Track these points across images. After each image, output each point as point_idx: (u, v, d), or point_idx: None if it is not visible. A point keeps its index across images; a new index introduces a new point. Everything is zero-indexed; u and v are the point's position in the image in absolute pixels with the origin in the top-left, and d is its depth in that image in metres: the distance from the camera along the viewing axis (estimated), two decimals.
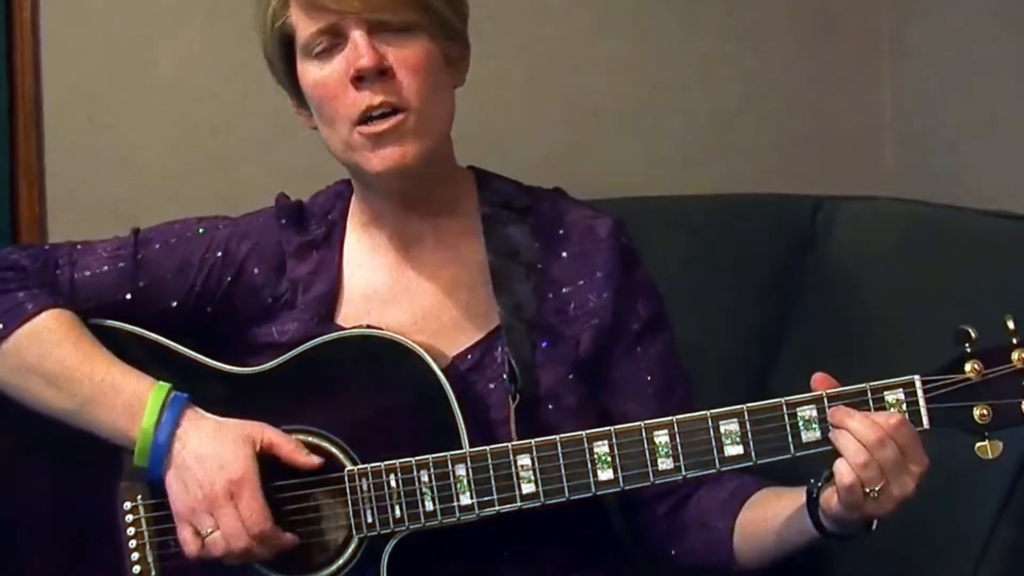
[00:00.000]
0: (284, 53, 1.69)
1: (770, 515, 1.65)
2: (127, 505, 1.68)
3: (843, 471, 1.50)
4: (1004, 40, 2.47)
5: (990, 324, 1.53)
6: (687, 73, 2.73)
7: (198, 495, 1.61)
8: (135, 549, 1.68)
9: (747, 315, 2.35)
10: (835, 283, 2.27)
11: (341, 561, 1.64)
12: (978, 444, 1.54)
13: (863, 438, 1.50)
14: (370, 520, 1.62)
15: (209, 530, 1.61)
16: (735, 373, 2.29)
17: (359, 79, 1.62)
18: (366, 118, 1.63)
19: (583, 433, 1.59)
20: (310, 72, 1.66)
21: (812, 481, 1.57)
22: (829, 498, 1.53)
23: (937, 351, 1.95)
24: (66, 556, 1.71)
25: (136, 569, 1.68)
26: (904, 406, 1.53)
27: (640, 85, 2.72)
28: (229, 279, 1.75)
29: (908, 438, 1.51)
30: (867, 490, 1.49)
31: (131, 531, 1.68)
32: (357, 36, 1.62)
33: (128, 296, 1.74)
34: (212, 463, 1.62)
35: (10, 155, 2.46)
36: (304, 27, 1.65)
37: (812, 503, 1.56)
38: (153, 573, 1.68)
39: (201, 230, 1.77)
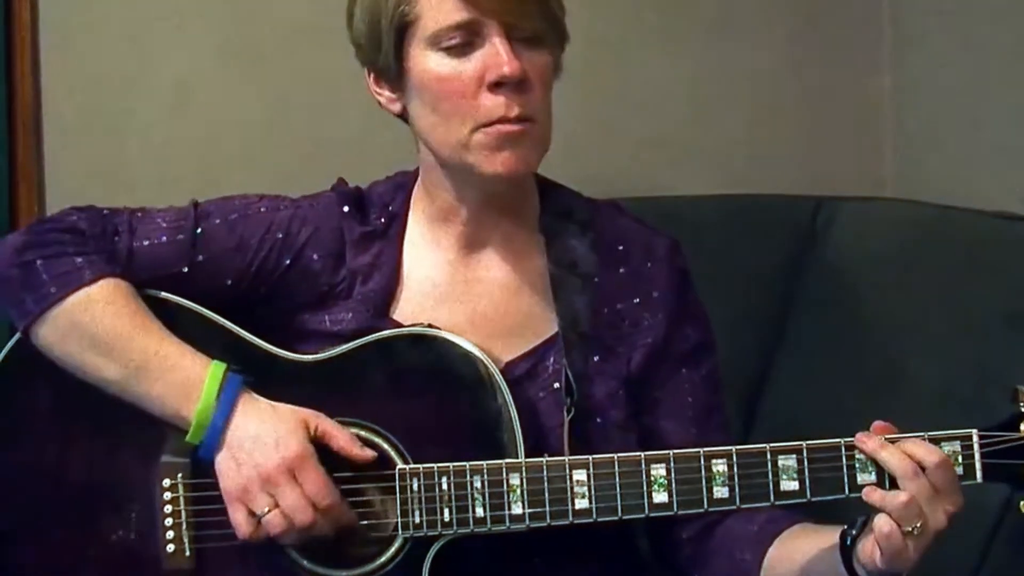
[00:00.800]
0: (397, 35, 1.65)
1: (799, 554, 1.66)
2: (166, 482, 1.65)
3: (881, 522, 1.51)
4: (1004, 40, 2.49)
5: (991, 324, 1.54)
6: (687, 73, 2.74)
7: (252, 475, 1.59)
8: (171, 527, 1.64)
9: (747, 315, 2.36)
10: (835, 283, 2.29)
11: (384, 559, 1.63)
12: (1023, 502, 1.58)
13: (895, 468, 1.52)
14: (418, 520, 1.61)
15: (266, 509, 1.58)
16: (735, 374, 2.25)
17: (498, 84, 1.60)
18: (496, 123, 1.61)
19: (641, 454, 1.60)
20: (434, 64, 1.63)
21: (847, 527, 1.59)
22: (871, 552, 1.53)
23: (938, 351, 2.00)
24: (99, 526, 1.66)
25: (170, 548, 1.64)
26: (960, 458, 1.57)
27: (639, 85, 2.73)
28: (287, 262, 1.72)
29: (943, 474, 1.52)
30: (907, 528, 1.50)
31: (168, 508, 1.64)
32: (498, 41, 1.60)
33: (185, 269, 1.70)
34: (267, 443, 1.59)
35: (9, 157, 2.42)
36: (438, 17, 1.62)
37: (846, 549, 1.57)
38: (187, 553, 1.65)
39: (263, 208, 1.74)
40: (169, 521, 1.65)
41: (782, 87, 2.78)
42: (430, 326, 1.67)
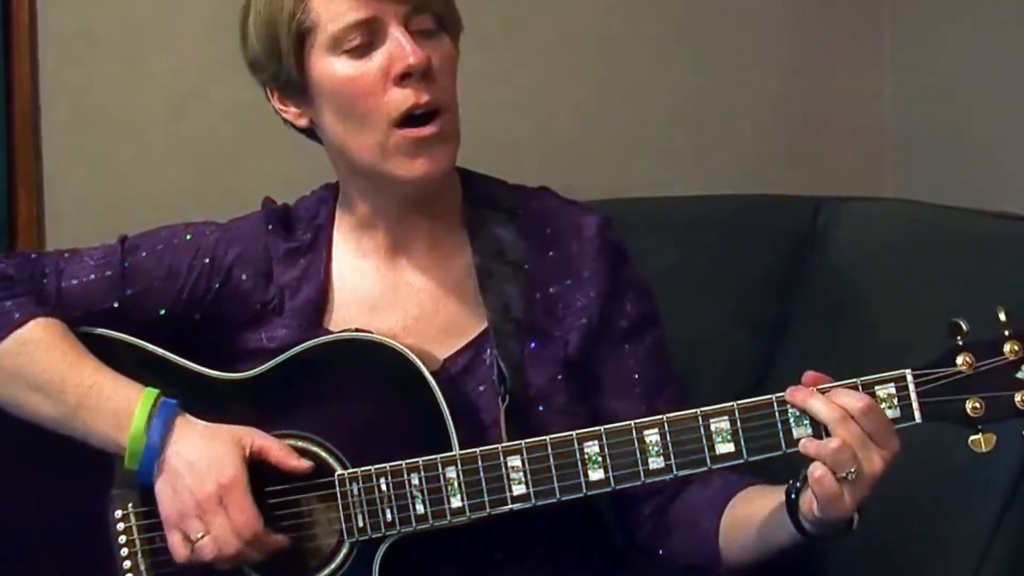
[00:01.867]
0: (297, 46, 1.64)
1: (753, 514, 1.63)
2: (118, 513, 1.68)
3: (812, 467, 1.48)
4: (1005, 41, 2.46)
5: (990, 324, 1.52)
6: (687, 73, 2.73)
7: (187, 500, 1.61)
8: (127, 557, 1.67)
9: (747, 316, 2.33)
10: (836, 284, 2.26)
11: (333, 566, 1.63)
12: (971, 437, 1.52)
13: (823, 416, 1.49)
14: (361, 524, 1.62)
15: (200, 534, 1.60)
16: (735, 375, 2.27)
17: (404, 77, 1.60)
18: (406, 119, 1.61)
19: (573, 433, 1.58)
20: (338, 68, 1.63)
21: (791, 482, 1.56)
22: (808, 501, 1.50)
23: (938, 351, 1.94)
24: (58, 565, 1.70)
25: None
26: (896, 400, 1.52)
27: (640, 85, 2.72)
28: (217, 285, 1.74)
29: (873, 418, 1.49)
30: (841, 474, 1.47)
31: (123, 539, 1.68)
32: (398, 33, 1.61)
33: (116, 304, 1.73)
34: (201, 468, 1.61)
35: (8, 160, 2.46)
36: (334, 20, 1.62)
37: (791, 504, 1.55)
38: None
39: (188, 236, 1.76)
40: (125, 551, 1.68)
41: (783, 88, 2.76)
42: (358, 330, 1.67)
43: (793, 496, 1.54)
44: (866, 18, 2.77)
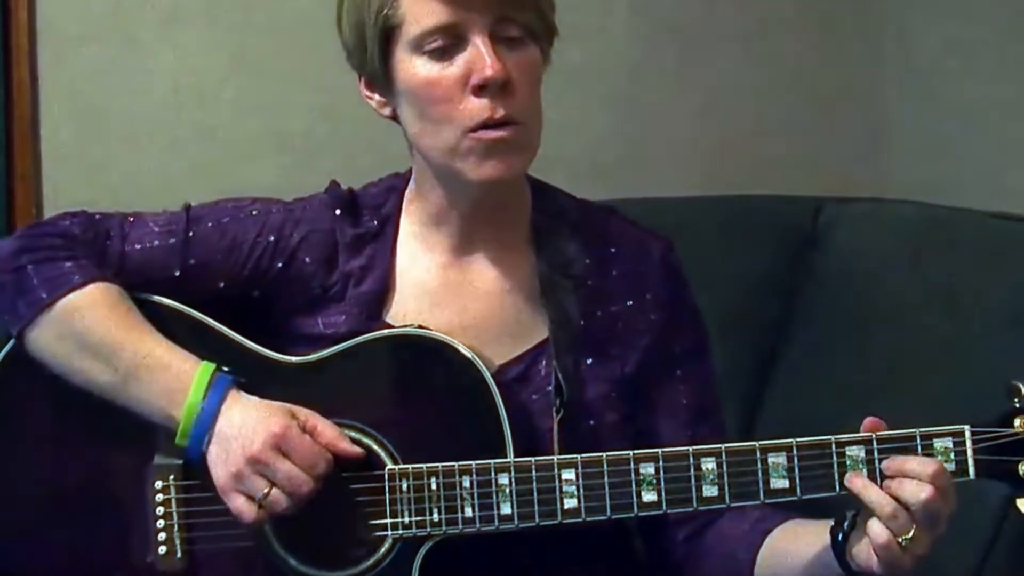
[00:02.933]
0: (383, 40, 1.64)
1: (792, 551, 1.65)
2: (158, 484, 1.65)
3: (876, 530, 1.50)
4: (1006, 41, 2.49)
5: (992, 325, 1.53)
6: (688, 73, 2.75)
7: (240, 460, 1.58)
8: (163, 529, 1.65)
9: (748, 317, 2.36)
10: (837, 285, 2.29)
11: (373, 559, 1.62)
12: (1019, 500, 1.56)
13: (878, 511, 1.51)
14: (407, 521, 1.61)
15: (264, 491, 1.58)
16: (735, 376, 2.28)
17: (481, 88, 1.60)
18: (481, 127, 1.61)
19: (630, 453, 1.59)
20: (418, 69, 1.63)
21: (836, 522, 1.58)
22: (867, 557, 1.52)
23: (940, 352, 1.98)
24: (91, 529, 1.67)
25: (162, 549, 1.65)
26: (952, 454, 1.55)
27: (641, 86, 2.73)
28: (280, 265, 1.72)
29: (932, 511, 1.51)
30: (899, 540, 1.50)
31: (160, 511, 1.65)
32: (480, 43, 1.60)
33: (177, 273, 1.71)
34: (249, 427, 1.59)
35: (6, 159, 2.45)
36: (419, 20, 1.61)
37: (838, 547, 1.56)
38: (179, 554, 1.65)
39: (255, 211, 1.74)
40: (161, 523, 1.65)
41: (783, 88, 2.78)
42: (421, 327, 1.67)
43: (840, 538, 1.56)
44: (868, 18, 2.80)
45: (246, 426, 1.59)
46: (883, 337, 2.10)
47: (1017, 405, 1.56)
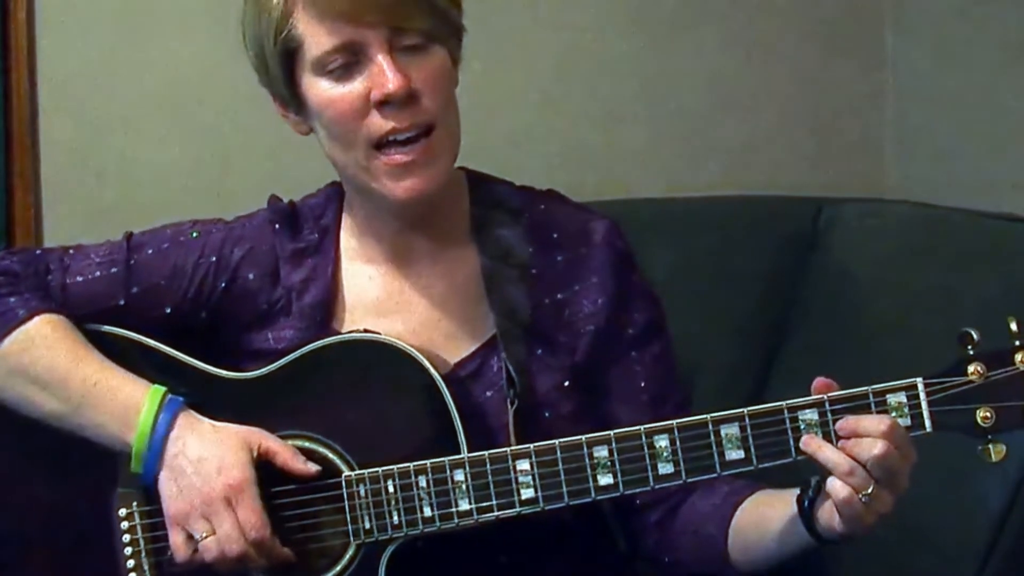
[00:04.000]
0: (285, 62, 1.64)
1: (764, 521, 1.63)
2: (122, 512, 1.67)
3: (836, 487, 1.48)
4: (1006, 42, 2.47)
5: (993, 326, 1.52)
6: (688, 74, 2.73)
7: (194, 499, 1.59)
8: (131, 556, 1.66)
9: (748, 318, 2.34)
10: (837, 286, 2.26)
11: (339, 568, 1.62)
12: (981, 447, 1.52)
13: (835, 469, 1.49)
14: (368, 526, 1.61)
15: (204, 534, 1.59)
16: (735, 377, 2.28)
17: (384, 103, 1.59)
18: (387, 141, 1.60)
19: (583, 438, 1.57)
20: (322, 89, 1.62)
21: (801, 490, 1.56)
22: (829, 516, 1.51)
23: (940, 353, 1.94)
24: (62, 564, 1.69)
25: (132, 575, 1.67)
26: (907, 409, 1.52)
27: (641, 86, 2.71)
28: (223, 285, 1.72)
29: (889, 463, 1.48)
30: (860, 496, 1.47)
31: (127, 538, 1.66)
32: (380, 58, 1.58)
33: (121, 302, 1.72)
34: (209, 467, 1.60)
35: (5, 158, 2.45)
36: (317, 41, 1.60)
37: (805, 514, 1.55)
38: None
39: (195, 234, 1.75)
40: (129, 550, 1.66)
41: (783, 89, 2.76)
42: (367, 331, 1.67)
43: (806, 504, 1.54)
44: (868, 20, 2.76)
45: (204, 463, 1.60)
46: (883, 338, 2.07)
47: (971, 352, 1.53)
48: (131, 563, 1.66)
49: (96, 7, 2.49)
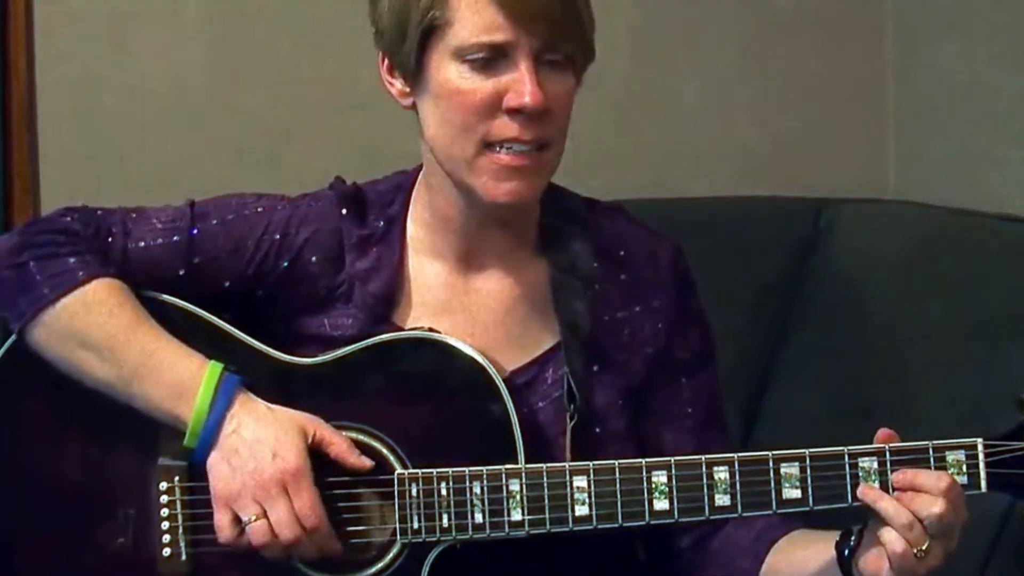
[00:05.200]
0: (423, 35, 1.59)
1: (799, 563, 1.65)
2: (163, 485, 1.63)
3: (891, 539, 1.50)
4: (1008, 42, 2.49)
5: (994, 326, 1.53)
6: (689, 75, 2.74)
7: (247, 481, 1.57)
8: (167, 531, 1.63)
9: (748, 319, 2.35)
10: (838, 286, 2.29)
11: (382, 564, 1.61)
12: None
13: (892, 522, 1.51)
14: (416, 526, 1.60)
15: (253, 517, 1.56)
16: (736, 378, 2.28)
17: (517, 111, 1.56)
18: (503, 144, 1.58)
19: (642, 461, 1.58)
20: (455, 75, 1.58)
21: (841, 538, 1.58)
22: (875, 567, 1.52)
23: (942, 354, 1.98)
24: (94, 529, 1.65)
25: (166, 552, 1.63)
26: (964, 467, 1.55)
27: (641, 87, 2.72)
28: (286, 264, 1.69)
29: (946, 523, 1.51)
30: (915, 551, 1.50)
31: (165, 512, 1.63)
32: (525, 67, 1.56)
33: (182, 272, 1.68)
34: (264, 450, 1.57)
35: (4, 157, 2.42)
36: (469, 29, 1.56)
37: (844, 563, 1.57)
38: (183, 558, 1.63)
39: (260, 208, 1.71)
40: (165, 525, 1.63)
41: (784, 89, 2.77)
42: (431, 330, 1.65)
43: (846, 553, 1.56)
44: (868, 20, 2.79)
45: (260, 447, 1.58)
46: (884, 339, 2.10)
47: None
48: (167, 538, 1.63)
49: (95, 9, 2.46)
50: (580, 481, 1.58)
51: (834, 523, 1.62)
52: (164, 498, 1.63)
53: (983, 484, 1.55)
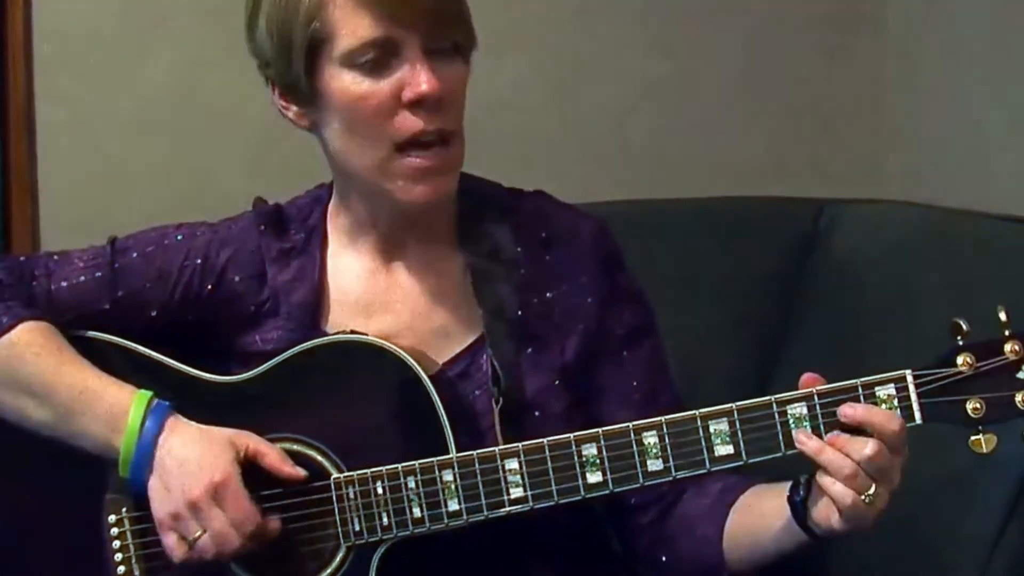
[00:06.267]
0: (309, 52, 1.60)
1: (758, 520, 1.62)
2: (112, 518, 1.66)
3: (839, 491, 1.47)
4: (1008, 42, 2.46)
5: (991, 326, 1.51)
6: (689, 74, 2.73)
7: (180, 500, 1.59)
8: (121, 562, 1.66)
9: (748, 320, 2.32)
10: (838, 287, 2.25)
11: (330, 570, 1.62)
12: (972, 438, 1.50)
13: (837, 470, 1.47)
14: (357, 528, 1.60)
15: (197, 534, 1.58)
16: (736, 380, 2.26)
17: (415, 103, 1.58)
18: (411, 143, 1.59)
19: (571, 436, 1.56)
20: (349, 83, 1.59)
21: (792, 489, 1.55)
22: (826, 515, 1.49)
23: (939, 351, 1.93)
24: (50, 566, 1.69)
25: None
26: (896, 401, 1.50)
27: (641, 86, 2.71)
28: (210, 287, 1.72)
29: (883, 460, 1.47)
30: (863, 498, 1.46)
31: (116, 543, 1.66)
32: (415, 57, 1.57)
33: (107, 306, 1.71)
34: (192, 466, 1.59)
35: (2, 163, 2.45)
36: (352, 33, 1.57)
37: (799, 513, 1.54)
38: None
39: (179, 237, 1.74)
40: (119, 556, 1.66)
41: (784, 89, 2.76)
42: (353, 332, 1.66)
43: (799, 501, 1.53)
44: (869, 19, 2.76)
45: (188, 464, 1.60)
46: (884, 339, 2.05)
47: (960, 342, 1.51)
48: (122, 569, 1.66)
49: (93, 12, 2.50)
50: (512, 463, 1.57)
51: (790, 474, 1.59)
52: (114, 530, 1.66)
53: (917, 416, 1.50)
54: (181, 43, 2.53)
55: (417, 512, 1.59)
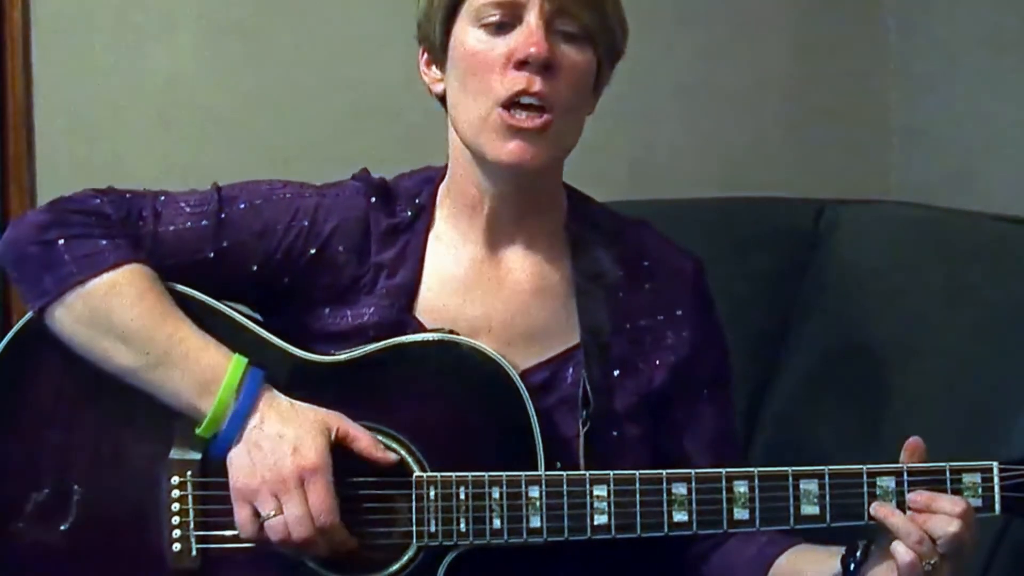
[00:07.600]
0: (448, 10, 1.64)
1: None
2: (175, 480, 1.60)
3: (901, 551, 1.52)
4: (1008, 42, 2.51)
5: (993, 328, 1.53)
6: (689, 74, 2.75)
7: (265, 476, 1.55)
8: (177, 526, 1.60)
9: (749, 320, 2.33)
10: (838, 287, 2.28)
11: (397, 566, 1.60)
12: None
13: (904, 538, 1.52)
14: (433, 530, 1.58)
15: (272, 512, 1.55)
16: (737, 378, 2.24)
17: (524, 63, 1.59)
18: (513, 103, 1.60)
19: (663, 472, 1.59)
20: (470, 38, 1.63)
21: (847, 551, 1.59)
22: None
23: (942, 355, 2.00)
24: (103, 521, 1.61)
25: (176, 547, 1.60)
26: (979, 490, 1.57)
27: (641, 86, 2.72)
28: (313, 251, 1.67)
29: (957, 545, 1.53)
30: (924, 564, 1.51)
31: (175, 507, 1.60)
32: (533, 21, 1.60)
33: (210, 255, 1.66)
34: (285, 445, 1.55)
35: (1, 165, 2.39)
36: None
37: (848, 574, 1.58)
38: (193, 554, 1.60)
39: (288, 194, 1.69)
40: (176, 520, 1.60)
41: (784, 89, 2.79)
42: (452, 332, 1.64)
43: (852, 567, 1.58)
44: (869, 19, 2.81)
45: (281, 443, 1.56)
46: (884, 340, 2.09)
47: None
48: (177, 532, 1.60)
49: (91, 11, 2.44)
50: (600, 490, 1.58)
51: (833, 539, 1.63)
52: (175, 492, 1.60)
53: (997, 507, 1.57)
54: (180, 44, 2.48)
55: (497, 523, 1.58)
